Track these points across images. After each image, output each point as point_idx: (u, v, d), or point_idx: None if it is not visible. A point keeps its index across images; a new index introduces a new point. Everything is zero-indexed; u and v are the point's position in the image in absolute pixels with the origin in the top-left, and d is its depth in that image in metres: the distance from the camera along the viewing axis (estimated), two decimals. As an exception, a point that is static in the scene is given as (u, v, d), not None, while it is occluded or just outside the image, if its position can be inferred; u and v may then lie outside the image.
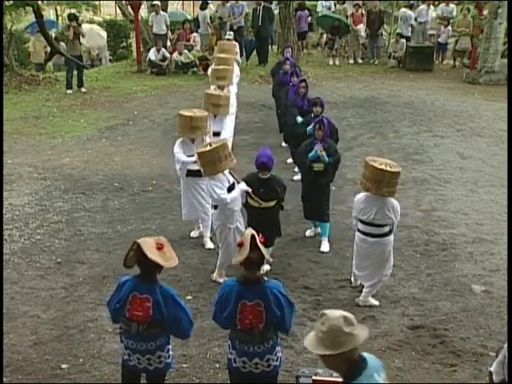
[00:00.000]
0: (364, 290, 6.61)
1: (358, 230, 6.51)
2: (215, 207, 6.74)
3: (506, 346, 4.19)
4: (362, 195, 6.41)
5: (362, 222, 6.41)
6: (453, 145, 11.62)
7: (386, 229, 6.35)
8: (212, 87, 10.02)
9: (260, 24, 17.47)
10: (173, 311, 4.39)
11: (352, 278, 6.98)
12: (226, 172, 6.67)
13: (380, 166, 6.12)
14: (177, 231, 8.11)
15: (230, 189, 6.61)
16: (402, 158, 10.54)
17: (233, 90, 10.48)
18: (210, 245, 7.72)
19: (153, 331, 4.42)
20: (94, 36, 19.92)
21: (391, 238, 6.45)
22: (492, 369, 4.25)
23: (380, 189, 6.10)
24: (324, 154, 7.43)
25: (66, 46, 16.09)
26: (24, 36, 20.11)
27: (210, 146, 6.62)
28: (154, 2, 18.12)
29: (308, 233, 8.07)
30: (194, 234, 8.05)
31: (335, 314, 3.07)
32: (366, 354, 3.18)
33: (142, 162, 10.72)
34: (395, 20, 20.16)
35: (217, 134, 8.64)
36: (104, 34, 21.34)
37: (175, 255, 4.44)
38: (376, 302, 6.57)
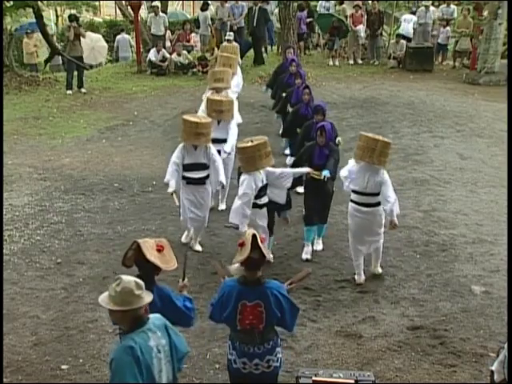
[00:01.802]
0: (373, 263, 7.15)
1: (352, 201, 6.85)
2: (261, 206, 6.73)
3: (506, 345, 4.22)
4: (353, 164, 6.81)
5: (355, 192, 6.76)
6: (453, 145, 11.61)
7: (379, 198, 6.70)
8: (209, 92, 9.48)
9: (255, 25, 17.38)
10: (170, 313, 4.37)
11: (356, 276, 7.05)
12: (262, 171, 6.64)
13: (374, 136, 6.75)
14: (177, 232, 8.11)
15: (264, 188, 6.65)
16: (402, 159, 10.55)
17: (232, 95, 9.93)
18: (198, 247, 7.72)
19: (152, 332, 4.41)
20: (95, 53, 19.65)
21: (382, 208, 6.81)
22: (493, 368, 4.30)
23: (372, 157, 6.56)
24: (316, 173, 7.30)
25: (64, 47, 16.09)
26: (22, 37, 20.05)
27: (252, 141, 6.57)
28: (154, 4, 18.13)
29: None
30: (197, 247, 7.77)
31: (129, 278, 3.67)
32: (153, 315, 3.80)
33: (141, 162, 10.72)
34: (395, 20, 20.17)
35: (220, 141, 8.29)
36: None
37: (175, 259, 4.43)
38: (380, 270, 7.15)
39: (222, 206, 8.85)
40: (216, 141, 8.04)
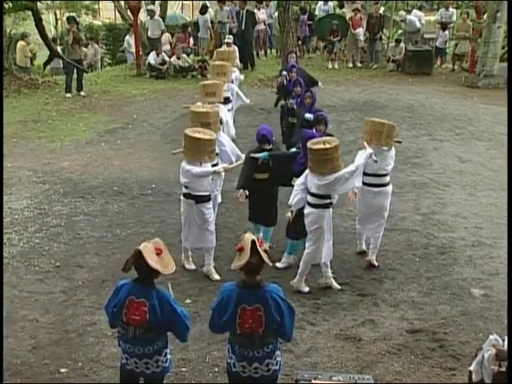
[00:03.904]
0: (370, 251, 7.45)
1: (362, 183, 7.04)
2: (321, 207, 6.64)
3: (484, 346, 4.40)
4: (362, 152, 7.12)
5: (366, 174, 7.06)
6: (452, 148, 11.63)
7: (387, 179, 7.28)
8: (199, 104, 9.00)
9: (244, 28, 17.46)
10: (168, 316, 4.37)
11: (358, 246, 7.63)
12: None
13: (380, 120, 7.28)
14: (176, 235, 8.09)
15: None
16: (402, 162, 10.53)
17: (223, 107, 9.44)
18: (216, 276, 7.11)
19: (150, 335, 4.41)
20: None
21: (390, 188, 7.37)
22: (471, 368, 4.45)
23: (380, 139, 7.04)
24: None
25: (63, 50, 16.04)
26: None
27: (328, 143, 6.54)
28: (149, 7, 18.25)
29: None
30: (189, 266, 7.41)
31: None
32: None
33: (141, 165, 10.72)
34: (394, 24, 20.22)
35: None
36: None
37: (172, 260, 4.43)
38: (375, 263, 7.41)
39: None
40: None
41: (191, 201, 7.00)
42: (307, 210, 6.71)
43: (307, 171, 6.68)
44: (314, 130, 7.73)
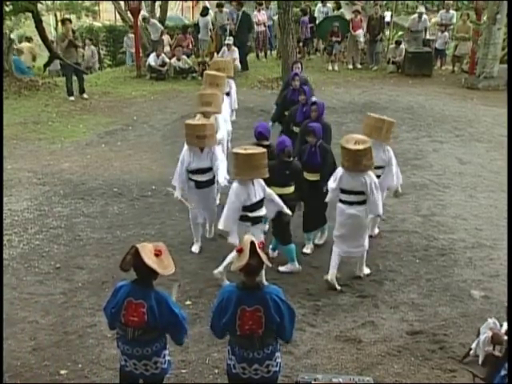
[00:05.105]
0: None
1: None
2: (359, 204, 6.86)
3: (482, 328, 5.03)
4: None
5: None
6: (452, 150, 11.63)
7: (381, 171, 7.59)
8: (197, 116, 8.59)
9: (237, 30, 17.51)
10: (166, 317, 4.37)
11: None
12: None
13: (380, 117, 7.69)
14: (176, 236, 8.11)
15: None
16: (402, 164, 10.48)
17: (221, 118, 9.09)
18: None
19: (148, 337, 4.41)
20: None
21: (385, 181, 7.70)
22: (473, 346, 5.15)
23: (380, 135, 7.45)
24: None
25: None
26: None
27: (362, 143, 6.79)
28: (142, 14, 18.35)
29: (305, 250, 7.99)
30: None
31: None
32: None
33: (141, 167, 10.72)
34: (394, 25, 20.24)
35: (205, 171, 7.56)
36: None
37: (172, 263, 4.42)
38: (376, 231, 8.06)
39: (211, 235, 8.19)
40: (201, 171, 7.48)
41: (247, 223, 6.73)
42: (348, 210, 6.93)
43: (340, 173, 6.92)
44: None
